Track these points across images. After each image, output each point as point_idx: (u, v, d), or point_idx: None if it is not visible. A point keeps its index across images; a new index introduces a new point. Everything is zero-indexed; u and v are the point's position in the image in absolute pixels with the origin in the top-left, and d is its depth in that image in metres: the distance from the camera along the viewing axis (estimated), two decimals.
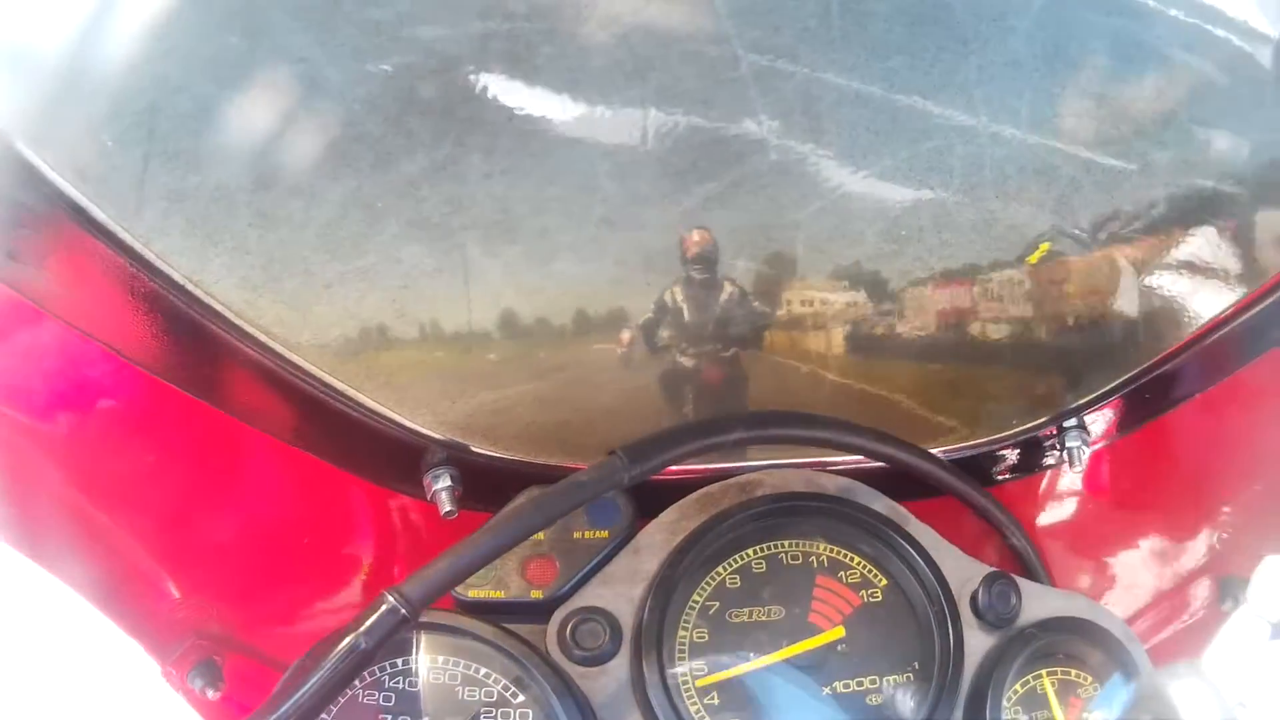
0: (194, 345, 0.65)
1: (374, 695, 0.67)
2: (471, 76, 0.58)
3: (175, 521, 0.77)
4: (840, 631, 0.71)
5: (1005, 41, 0.64)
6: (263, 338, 0.64)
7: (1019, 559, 0.80)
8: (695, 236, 0.68)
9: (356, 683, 0.67)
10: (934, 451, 0.80)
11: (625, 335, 0.71)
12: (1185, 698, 0.71)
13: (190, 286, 0.61)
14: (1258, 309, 0.72)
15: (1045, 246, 0.72)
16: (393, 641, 0.66)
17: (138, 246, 0.59)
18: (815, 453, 0.77)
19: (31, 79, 0.54)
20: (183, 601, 0.80)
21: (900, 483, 0.77)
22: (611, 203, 0.64)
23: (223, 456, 0.75)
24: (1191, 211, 0.71)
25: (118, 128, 0.56)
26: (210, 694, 0.80)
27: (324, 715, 0.65)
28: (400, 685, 0.68)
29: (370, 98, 0.57)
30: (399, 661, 0.68)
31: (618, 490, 0.68)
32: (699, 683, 0.69)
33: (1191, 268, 0.73)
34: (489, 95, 0.59)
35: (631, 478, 0.65)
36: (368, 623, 0.58)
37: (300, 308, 0.64)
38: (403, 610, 0.59)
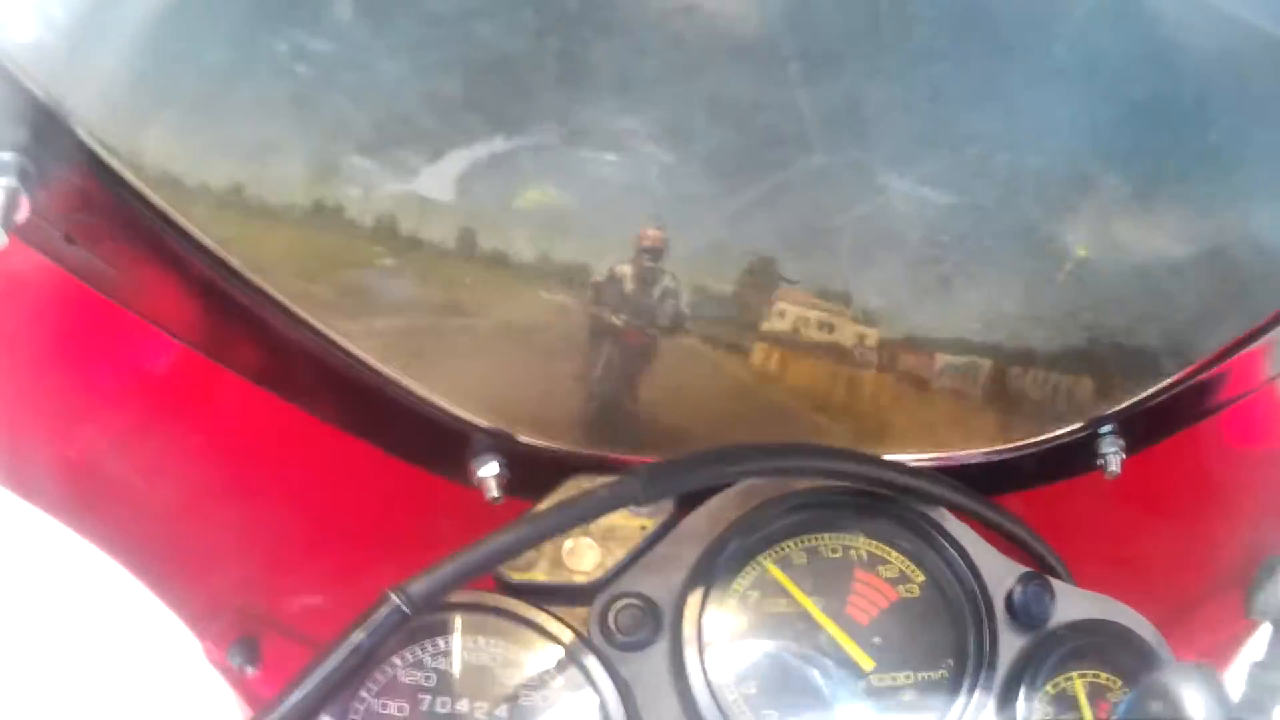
0: (246, 328, 0.66)
1: (416, 675, 0.69)
2: (524, 74, 0.60)
3: (219, 498, 0.79)
4: (876, 656, 0.72)
5: (1049, 49, 0.65)
6: (315, 323, 0.66)
7: (1039, 565, 0.81)
8: (651, 232, 0.69)
9: (397, 661, 0.68)
10: (966, 454, 0.81)
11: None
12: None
13: (245, 271, 0.63)
14: None
15: (1084, 250, 0.73)
16: (433, 622, 0.68)
17: (194, 232, 0.60)
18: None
19: (96, 66, 0.55)
20: (224, 578, 0.82)
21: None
22: (660, 203, 0.65)
23: (270, 437, 0.77)
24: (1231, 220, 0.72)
25: (176, 117, 0.57)
26: (249, 671, 0.82)
27: (363, 693, 0.67)
28: (442, 666, 0.69)
29: (426, 92, 0.59)
30: (440, 642, 0.69)
31: None
32: (738, 671, 0.70)
33: (1227, 275, 0.74)
34: (540, 93, 0.60)
35: (646, 498, 0.68)
36: (369, 620, 0.61)
37: (358, 295, 0.65)
38: (404, 609, 0.61)
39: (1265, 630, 0.76)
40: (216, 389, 0.73)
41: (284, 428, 0.75)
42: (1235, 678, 0.62)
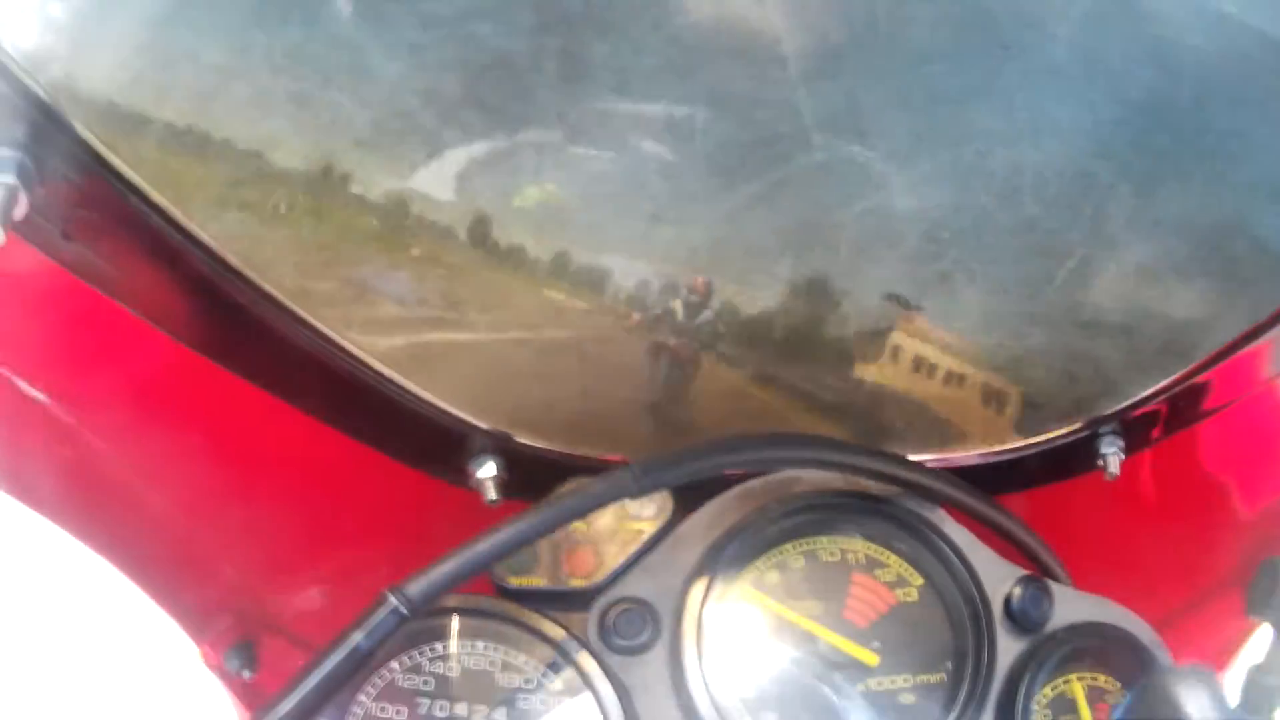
0: (244, 327, 0.66)
1: (414, 679, 0.69)
2: (525, 72, 0.60)
3: (217, 501, 0.78)
4: (874, 659, 0.72)
5: (1045, 48, 0.65)
6: (314, 321, 0.66)
7: (1039, 567, 0.81)
8: (700, 282, 0.71)
9: (395, 666, 0.68)
10: (967, 455, 0.81)
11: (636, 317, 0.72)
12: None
13: (244, 269, 0.63)
14: None
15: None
16: (432, 626, 0.67)
17: (192, 228, 0.60)
18: None
19: (92, 64, 0.55)
20: (221, 581, 0.81)
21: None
22: (660, 200, 0.65)
23: (267, 438, 0.77)
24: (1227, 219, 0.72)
25: (173, 114, 0.57)
26: (245, 675, 0.81)
27: (361, 697, 0.67)
28: (440, 669, 0.69)
29: (426, 90, 0.59)
30: (439, 646, 0.69)
31: None
32: (737, 675, 0.70)
33: (1225, 274, 0.74)
34: (541, 91, 0.60)
35: (641, 489, 0.67)
36: (367, 621, 0.60)
37: (355, 287, 0.65)
38: (403, 610, 0.60)
39: (1264, 632, 0.76)
40: (214, 389, 0.72)
41: (282, 429, 0.75)
42: (1235, 679, 0.62)
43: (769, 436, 0.73)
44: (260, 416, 0.74)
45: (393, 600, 0.60)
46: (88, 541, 0.76)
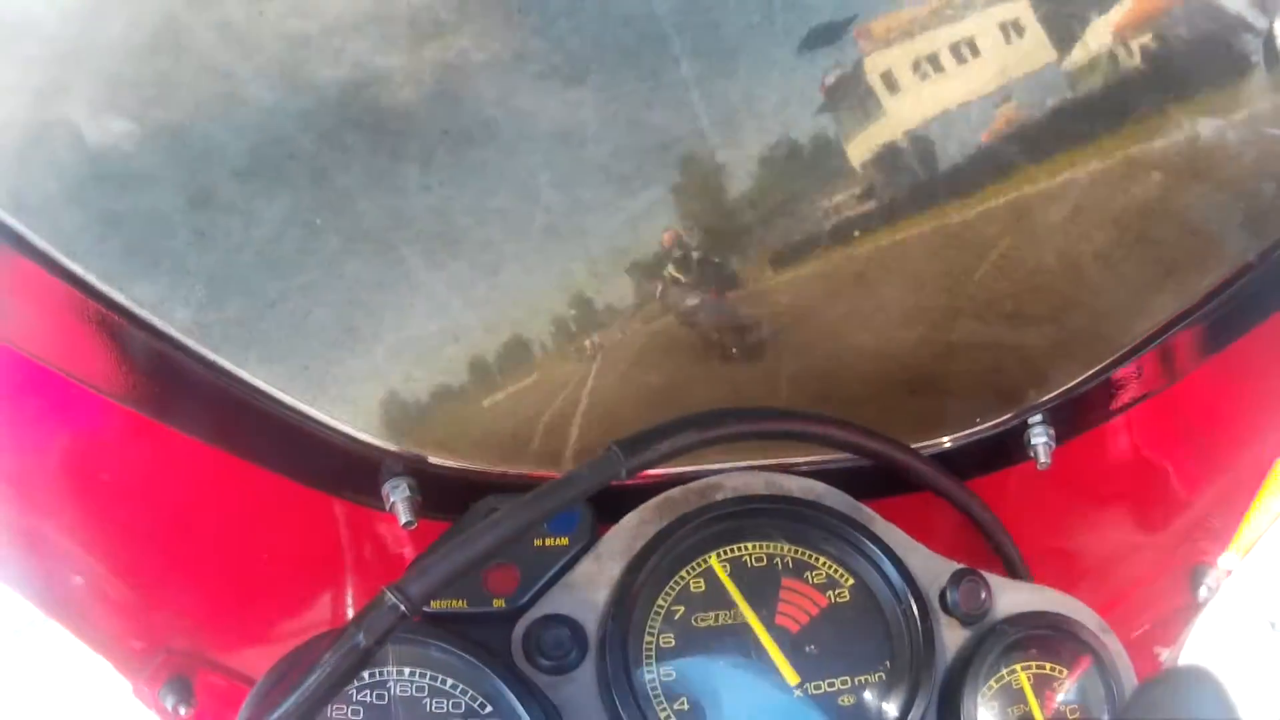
0: (148, 368, 0.65)
1: (342, 710, 0.67)
2: (402, 88, 0.58)
3: (142, 540, 0.77)
4: (796, 677, 0.70)
5: None
6: (212, 357, 0.64)
7: (999, 554, 0.80)
8: (666, 235, 0.69)
9: None
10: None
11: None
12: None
13: (136, 309, 0.61)
14: (1220, 300, 0.71)
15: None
16: None
17: (80, 272, 0.59)
18: (779, 453, 0.77)
19: None
20: (152, 619, 0.80)
21: (868, 482, 0.77)
22: (554, 211, 0.63)
23: (187, 476, 0.75)
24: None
25: (47, 153, 0.55)
26: (183, 711, 0.80)
27: None
28: (367, 698, 0.67)
29: (301, 113, 0.57)
30: (365, 675, 0.67)
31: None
32: (667, 689, 0.69)
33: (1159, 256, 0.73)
34: (421, 106, 0.58)
35: (629, 470, 0.65)
36: (368, 620, 0.58)
37: (247, 325, 0.64)
38: (403, 607, 0.59)
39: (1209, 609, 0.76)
40: (132, 430, 0.71)
41: (209, 465, 0.73)
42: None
43: (748, 410, 0.72)
44: (180, 455, 0.72)
45: (392, 598, 0.59)
46: (11, 585, 0.74)
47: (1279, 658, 0.65)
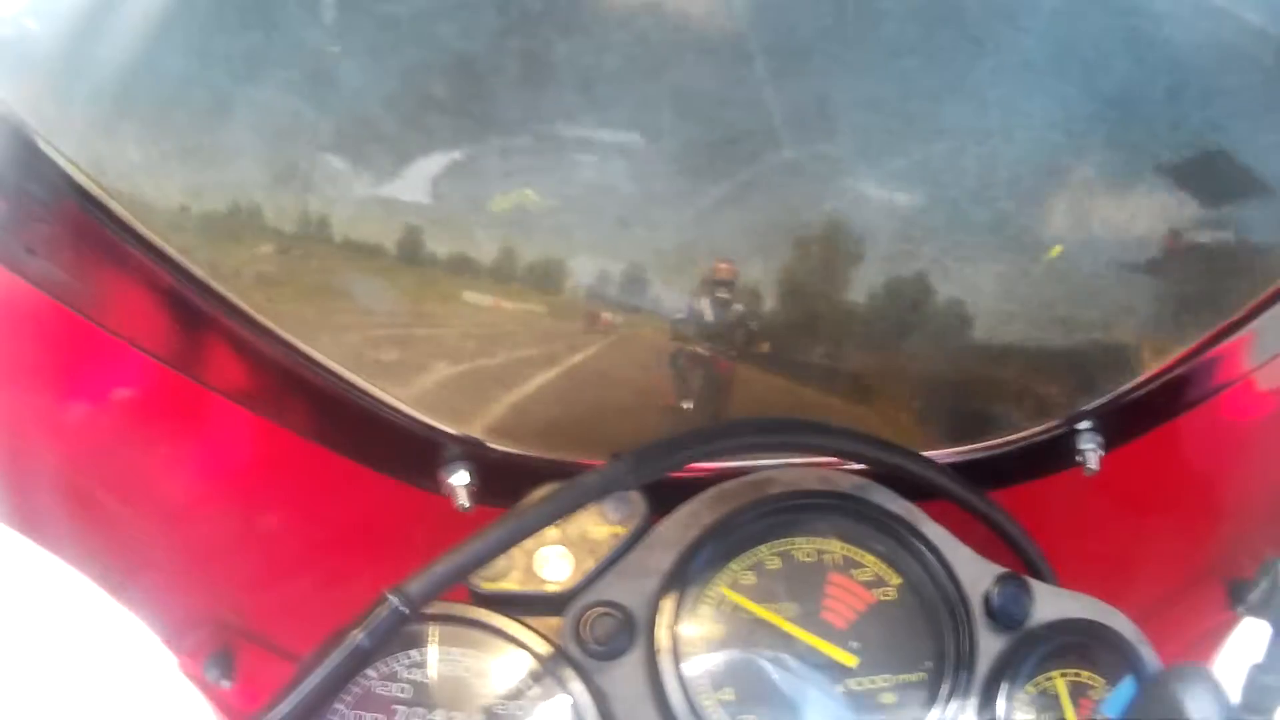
0: (211, 339, 0.66)
1: (388, 687, 0.68)
2: (487, 75, 0.59)
3: (191, 512, 0.78)
4: (853, 660, 0.71)
5: (1018, 42, 0.64)
6: (281, 333, 0.65)
7: (1024, 561, 0.80)
8: (723, 265, 0.70)
9: (372, 674, 0.67)
10: (945, 453, 0.80)
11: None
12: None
13: (210, 281, 0.62)
14: (1269, 312, 0.71)
15: (1057, 250, 0.72)
16: (408, 633, 0.67)
17: (155, 240, 0.60)
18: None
19: (43, 69, 0.54)
20: (201, 590, 0.81)
21: (906, 486, 0.78)
22: (627, 203, 0.64)
23: (239, 449, 0.76)
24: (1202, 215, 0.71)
25: (134, 122, 0.56)
26: (224, 684, 0.81)
27: (339, 706, 0.66)
28: (416, 677, 0.68)
29: (387, 96, 0.58)
30: (414, 653, 0.68)
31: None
32: (714, 678, 0.69)
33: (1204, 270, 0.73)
34: (505, 94, 0.59)
35: (636, 480, 0.67)
36: (368, 621, 0.60)
37: (318, 306, 0.65)
38: (403, 609, 0.60)
39: (1263, 630, 0.76)
40: (188, 401, 0.72)
41: (260, 439, 0.74)
42: (1234, 679, 0.62)
43: (757, 422, 0.73)
44: (238, 427, 0.73)
45: (393, 600, 0.61)
46: (62, 555, 0.75)
47: None
